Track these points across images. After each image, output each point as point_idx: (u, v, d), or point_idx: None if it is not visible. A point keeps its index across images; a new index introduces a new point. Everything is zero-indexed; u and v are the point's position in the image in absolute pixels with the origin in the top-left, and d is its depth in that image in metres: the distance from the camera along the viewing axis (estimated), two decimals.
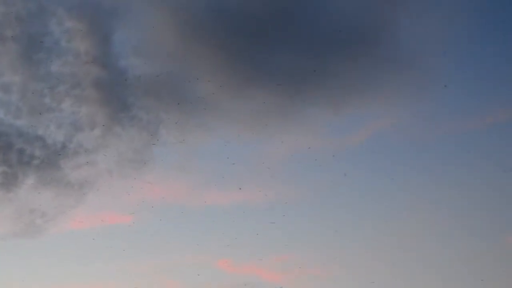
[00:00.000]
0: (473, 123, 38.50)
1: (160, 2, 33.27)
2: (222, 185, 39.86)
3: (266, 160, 38.31)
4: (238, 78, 34.49)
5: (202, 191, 38.53)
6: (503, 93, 37.79)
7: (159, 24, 33.36)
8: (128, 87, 32.84)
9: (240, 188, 35.94)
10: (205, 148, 36.14)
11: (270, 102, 34.76)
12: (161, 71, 33.30)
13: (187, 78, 33.33)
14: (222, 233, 40.44)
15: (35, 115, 31.82)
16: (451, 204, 39.94)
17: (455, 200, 39.74)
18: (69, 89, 31.99)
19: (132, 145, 33.03)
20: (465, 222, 39.55)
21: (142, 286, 41.23)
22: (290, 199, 38.64)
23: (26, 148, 31.94)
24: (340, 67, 35.53)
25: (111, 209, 38.64)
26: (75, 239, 40.42)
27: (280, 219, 39.03)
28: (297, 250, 37.91)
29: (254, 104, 34.60)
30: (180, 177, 36.65)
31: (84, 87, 32.06)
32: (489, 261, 38.33)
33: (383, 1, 35.51)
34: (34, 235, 35.03)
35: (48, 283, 41.55)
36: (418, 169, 39.66)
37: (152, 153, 33.80)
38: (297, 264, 38.70)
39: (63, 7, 31.82)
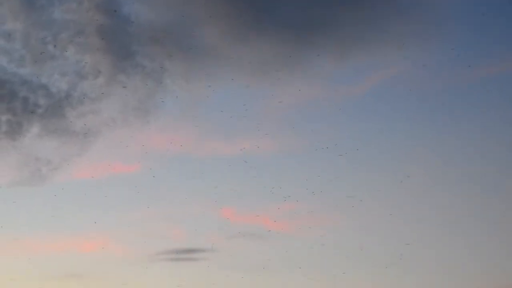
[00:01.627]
0: (476, 73, 38.33)
1: None
2: (227, 134, 39.80)
3: (271, 109, 38.16)
4: (244, 25, 34.03)
5: (207, 140, 38.49)
6: (506, 44, 37.61)
7: None
8: (132, 34, 32.41)
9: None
10: (209, 97, 35.91)
11: (276, 50, 34.40)
12: (165, 18, 32.83)
13: (192, 26, 32.89)
14: (227, 181, 40.58)
15: (39, 63, 31.49)
16: (453, 153, 40.06)
17: (457, 149, 39.87)
18: (72, 36, 31.56)
19: (136, 94, 32.82)
20: (465, 170, 39.82)
21: (146, 234, 41.60)
22: (296, 148, 38.64)
23: (30, 96, 31.73)
24: (347, 16, 35.06)
25: (116, 158, 38.61)
26: (80, 187, 40.57)
27: (285, 168, 39.10)
28: (302, 199, 38.09)
29: (260, 52, 34.24)
30: (185, 126, 36.53)
31: (88, 35, 31.64)
32: (490, 207, 38.73)
33: None
34: (39, 183, 35.12)
35: (53, 231, 41.90)
36: (422, 118, 39.60)
37: (157, 102, 33.61)
38: (302, 213, 38.93)
39: None
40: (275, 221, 39.94)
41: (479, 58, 38.17)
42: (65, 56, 31.66)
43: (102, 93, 32.16)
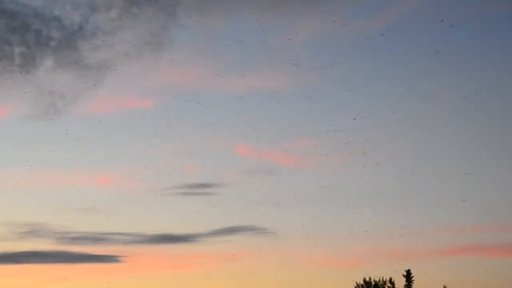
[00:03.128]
0: (493, 7, 37.68)
1: None
2: (242, 69, 39.42)
3: (286, 45, 37.61)
4: None
5: (221, 75, 38.18)
6: None
7: None
8: None
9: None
10: (224, 31, 35.45)
11: None
12: None
13: None
14: (241, 118, 40.40)
15: None
16: (471, 88, 39.75)
17: (475, 84, 39.55)
18: None
19: (149, 27, 32.45)
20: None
21: (161, 169, 41.80)
22: (310, 84, 38.21)
23: (42, 29, 31.50)
24: None
25: (130, 93, 38.53)
26: (95, 122, 40.64)
27: (300, 104, 38.80)
28: (316, 135, 37.89)
29: None
30: (199, 60, 36.21)
31: None
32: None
33: None
34: (54, 117, 35.26)
35: (68, 165, 42.20)
36: (440, 54, 38.97)
37: (170, 36, 33.24)
38: (315, 149, 38.82)
39: None
40: (288, 157, 39.94)
41: None
42: None
43: (115, 26, 31.84)
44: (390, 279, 40.73)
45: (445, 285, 43.94)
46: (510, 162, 39.12)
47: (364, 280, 40.57)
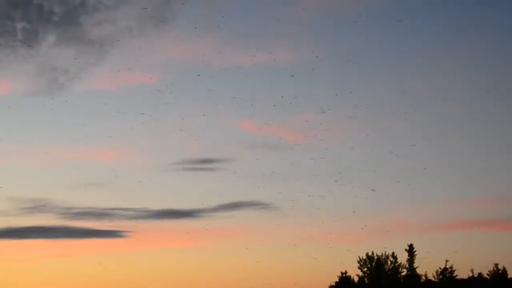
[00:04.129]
0: None
1: None
2: (247, 44, 39.16)
3: (291, 20, 37.35)
4: None
5: (226, 50, 37.96)
6: None
7: None
8: None
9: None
10: (227, 5, 35.16)
11: None
12: None
13: None
14: (245, 93, 40.23)
15: None
16: (470, 64, 39.66)
17: (472, 58, 39.55)
18: None
19: (152, 2, 32.19)
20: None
21: (165, 144, 41.72)
22: (314, 59, 37.97)
23: (44, 3, 31.23)
24: None
25: (134, 68, 38.28)
26: (99, 98, 40.50)
27: (304, 79, 38.62)
28: (319, 110, 37.82)
29: None
30: (203, 35, 35.98)
31: None
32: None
33: None
34: (57, 93, 35.10)
35: (71, 140, 42.08)
36: (447, 27, 38.81)
37: (173, 10, 32.95)
38: (318, 124, 38.81)
39: None
40: (292, 133, 39.89)
41: None
42: None
43: (118, 1, 31.46)
44: (393, 253, 41.13)
45: (447, 259, 44.31)
46: None
47: (367, 254, 40.89)
